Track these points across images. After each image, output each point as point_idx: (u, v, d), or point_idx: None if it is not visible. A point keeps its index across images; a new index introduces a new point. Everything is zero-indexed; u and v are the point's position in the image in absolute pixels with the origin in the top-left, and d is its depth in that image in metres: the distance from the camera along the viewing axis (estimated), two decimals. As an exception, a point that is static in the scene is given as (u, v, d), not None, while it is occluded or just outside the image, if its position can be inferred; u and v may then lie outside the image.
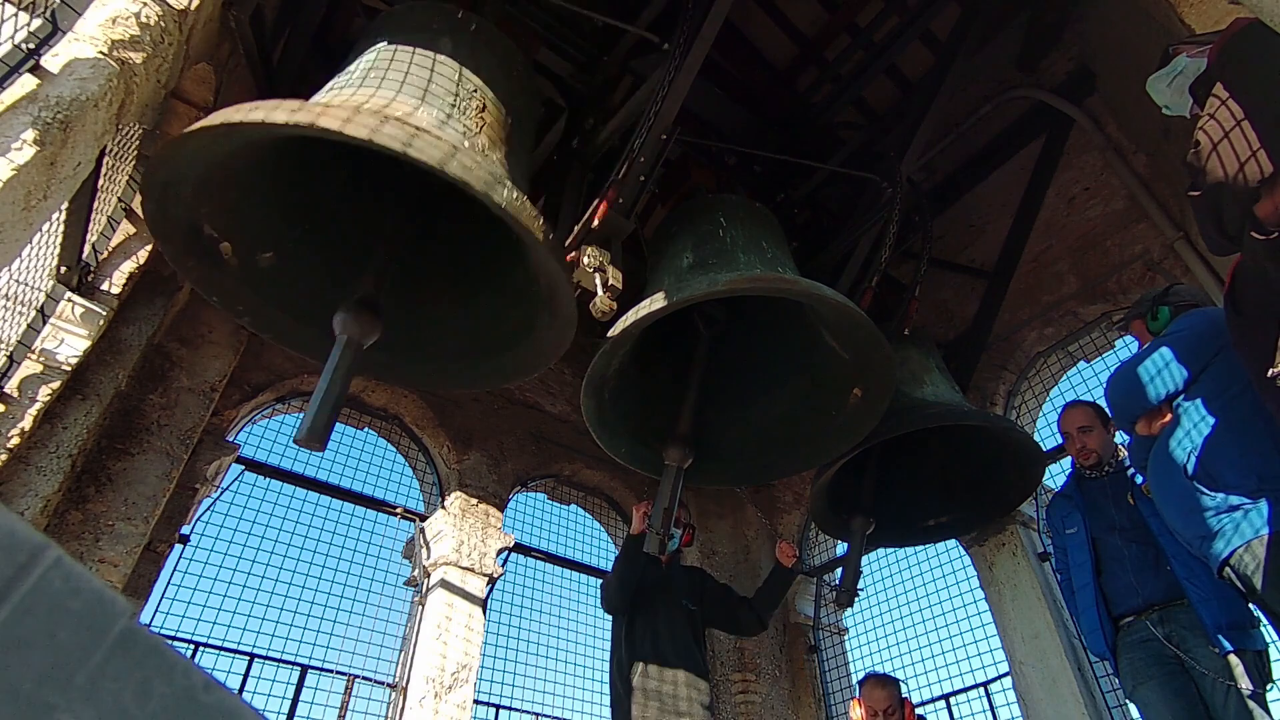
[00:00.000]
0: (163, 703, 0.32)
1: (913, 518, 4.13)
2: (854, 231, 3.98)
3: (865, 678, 3.78)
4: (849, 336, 3.01)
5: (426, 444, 4.94)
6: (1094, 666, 3.92)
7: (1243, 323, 2.01)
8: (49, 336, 2.87)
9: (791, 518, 5.96)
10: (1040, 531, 4.35)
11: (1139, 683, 2.85)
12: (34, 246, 2.61)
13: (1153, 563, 2.89)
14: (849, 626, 5.60)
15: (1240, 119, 1.71)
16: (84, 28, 2.01)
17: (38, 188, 1.78)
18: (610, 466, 5.28)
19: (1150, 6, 3.16)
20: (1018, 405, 4.91)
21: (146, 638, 0.33)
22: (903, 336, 3.95)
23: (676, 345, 3.47)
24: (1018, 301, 4.84)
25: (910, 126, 4.01)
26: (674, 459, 3.05)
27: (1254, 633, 2.59)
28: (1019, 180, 4.84)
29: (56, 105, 1.83)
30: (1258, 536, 2.14)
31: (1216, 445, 2.27)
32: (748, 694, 5.06)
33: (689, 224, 3.40)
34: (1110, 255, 4.53)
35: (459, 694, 4.04)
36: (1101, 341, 4.66)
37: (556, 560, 5.30)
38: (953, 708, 4.64)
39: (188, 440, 3.60)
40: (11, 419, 2.71)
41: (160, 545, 3.52)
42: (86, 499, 3.21)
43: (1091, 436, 3.19)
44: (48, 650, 0.30)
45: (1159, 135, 3.89)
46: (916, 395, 3.73)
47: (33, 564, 0.31)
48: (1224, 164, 1.73)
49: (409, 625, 4.32)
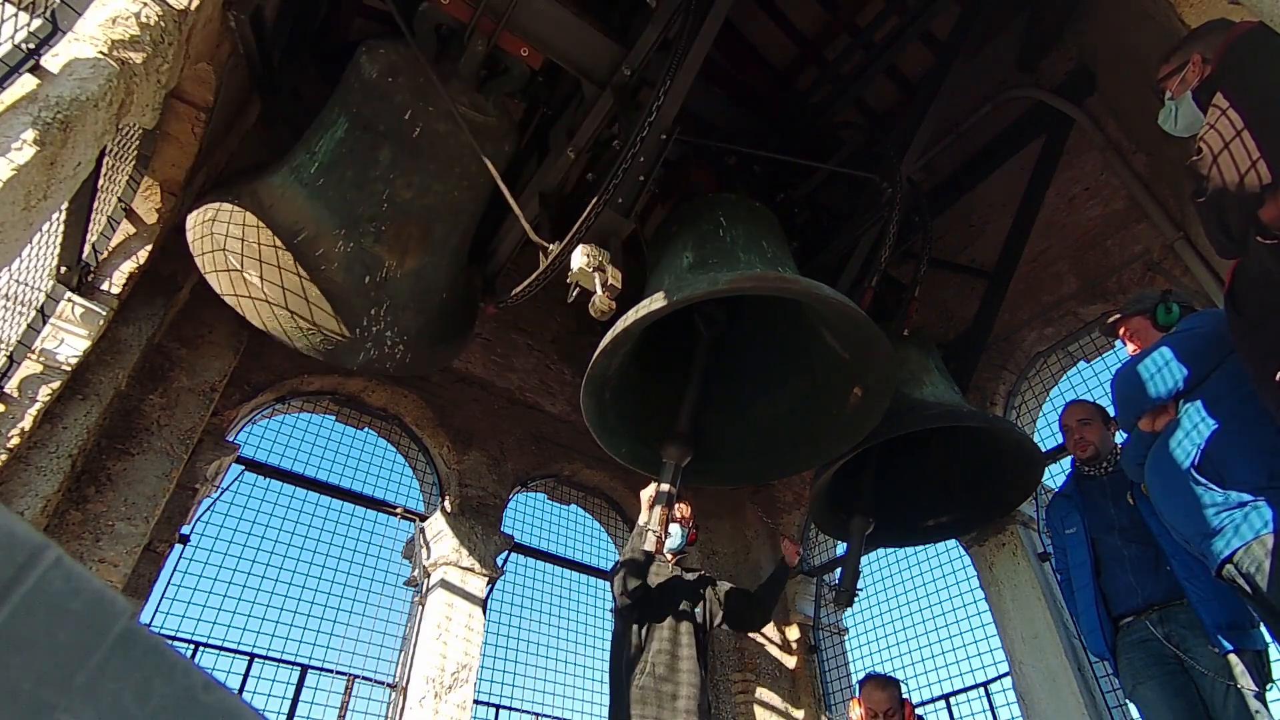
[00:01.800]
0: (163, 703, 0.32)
1: (913, 518, 4.13)
2: (854, 231, 3.98)
3: (865, 678, 3.77)
4: (849, 336, 3.01)
5: (426, 444, 4.94)
6: (1094, 666, 3.92)
7: (1243, 323, 2.00)
8: (49, 336, 2.87)
9: (791, 518, 5.96)
10: (1040, 531, 4.35)
11: (1139, 682, 2.85)
12: (34, 246, 2.62)
13: (1152, 563, 2.89)
14: (849, 626, 5.60)
15: (1240, 128, 1.72)
16: (84, 28, 2.01)
17: (38, 188, 1.78)
18: (610, 466, 5.28)
19: (1150, 6, 3.16)
20: (1018, 405, 4.91)
21: (146, 638, 0.33)
22: (903, 336, 3.96)
23: (677, 345, 3.47)
24: (1018, 301, 4.84)
25: (910, 126, 4.01)
26: (672, 456, 3.06)
27: (1253, 632, 2.59)
28: (1019, 180, 4.83)
29: (56, 105, 1.83)
30: (1258, 536, 2.14)
31: (1226, 442, 2.26)
32: (748, 694, 5.06)
33: (689, 224, 3.40)
34: (1110, 255, 4.53)
35: (459, 694, 4.04)
36: (1101, 341, 4.65)
37: (556, 560, 5.30)
38: (953, 708, 4.64)
39: (188, 440, 3.60)
40: (11, 419, 2.71)
41: (160, 545, 3.52)
42: (86, 499, 3.21)
43: (1090, 429, 3.20)
44: (48, 650, 0.30)
45: (1159, 135, 3.88)
46: (916, 395, 3.73)
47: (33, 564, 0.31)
48: (1227, 170, 1.74)
49: (409, 625, 4.32)
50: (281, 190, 3.25)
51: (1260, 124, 1.70)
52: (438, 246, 3.46)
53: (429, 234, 3.40)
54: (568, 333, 5.81)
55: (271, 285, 3.12)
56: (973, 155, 5.10)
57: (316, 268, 3.21)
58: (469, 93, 3.23)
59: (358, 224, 3.25)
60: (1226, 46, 1.93)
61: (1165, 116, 2.18)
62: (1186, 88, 2.07)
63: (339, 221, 3.23)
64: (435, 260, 3.48)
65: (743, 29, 4.70)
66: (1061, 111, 4.56)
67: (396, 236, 3.32)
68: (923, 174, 5.11)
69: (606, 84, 3.10)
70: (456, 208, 3.45)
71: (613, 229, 2.87)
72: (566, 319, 5.77)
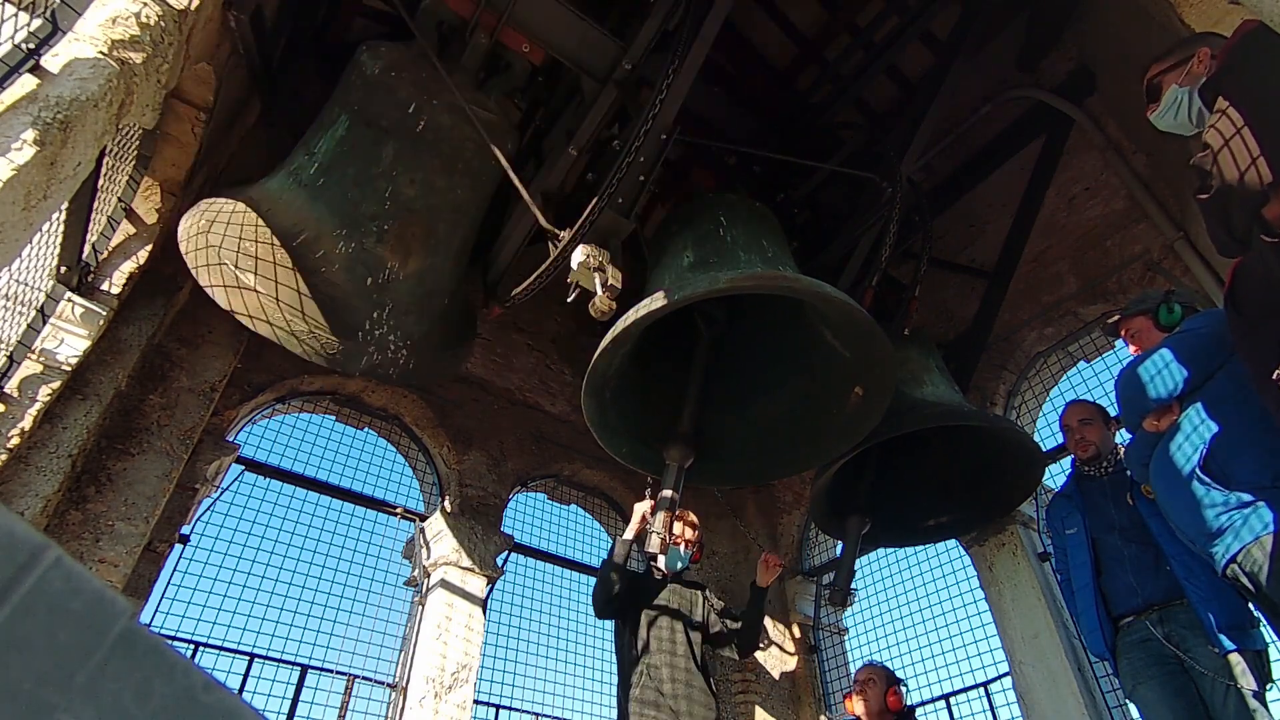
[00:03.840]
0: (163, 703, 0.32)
1: (913, 518, 4.13)
2: (854, 231, 3.98)
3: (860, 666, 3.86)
4: (850, 335, 3.01)
5: (426, 444, 4.94)
6: (1094, 666, 3.92)
7: (1243, 323, 2.00)
8: (49, 336, 2.87)
9: (791, 518, 5.96)
10: (1040, 531, 4.35)
11: (1138, 682, 2.85)
12: (34, 246, 2.61)
13: (1152, 563, 2.89)
14: (849, 626, 5.60)
15: (1244, 127, 1.72)
16: (84, 28, 2.01)
17: (38, 188, 1.78)
18: (610, 466, 5.28)
19: (1150, 6, 3.16)
20: (1018, 405, 4.91)
21: (146, 638, 0.33)
22: (903, 336, 3.96)
23: (677, 345, 3.47)
24: (1018, 301, 4.84)
25: (910, 126, 4.01)
26: (675, 457, 3.05)
27: (1254, 633, 2.59)
28: (1019, 180, 4.83)
29: (56, 105, 1.83)
30: (1259, 537, 2.14)
31: (1230, 442, 2.26)
32: (748, 694, 5.06)
33: (689, 223, 3.40)
34: (1110, 255, 4.53)
35: (459, 694, 4.04)
36: (1101, 341, 4.65)
37: (556, 560, 5.30)
38: (953, 708, 4.64)
39: (188, 440, 3.60)
40: (11, 419, 2.71)
41: (160, 545, 3.52)
42: (86, 499, 3.21)
43: (1091, 429, 3.21)
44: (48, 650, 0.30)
45: (1159, 135, 3.88)
46: (916, 395, 3.73)
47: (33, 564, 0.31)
48: (1230, 169, 1.74)
49: (409, 625, 4.32)
50: (280, 192, 3.24)
51: (1264, 123, 1.70)
52: (441, 247, 3.45)
53: (432, 234, 3.39)
54: (568, 333, 5.81)
55: (271, 289, 3.10)
56: (973, 155, 5.10)
57: (317, 270, 3.20)
58: (471, 90, 3.23)
59: (360, 223, 3.24)
60: (1231, 45, 1.93)
61: (1171, 103, 2.13)
62: (1195, 79, 2.05)
63: (340, 221, 3.22)
64: (438, 262, 3.47)
65: (743, 29, 4.70)
66: (1061, 111, 4.56)
67: (399, 236, 3.31)
68: (923, 174, 5.11)
69: (607, 80, 3.11)
70: (459, 207, 3.44)
71: (613, 229, 2.87)
72: (566, 319, 5.77)
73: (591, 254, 2.74)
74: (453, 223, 3.46)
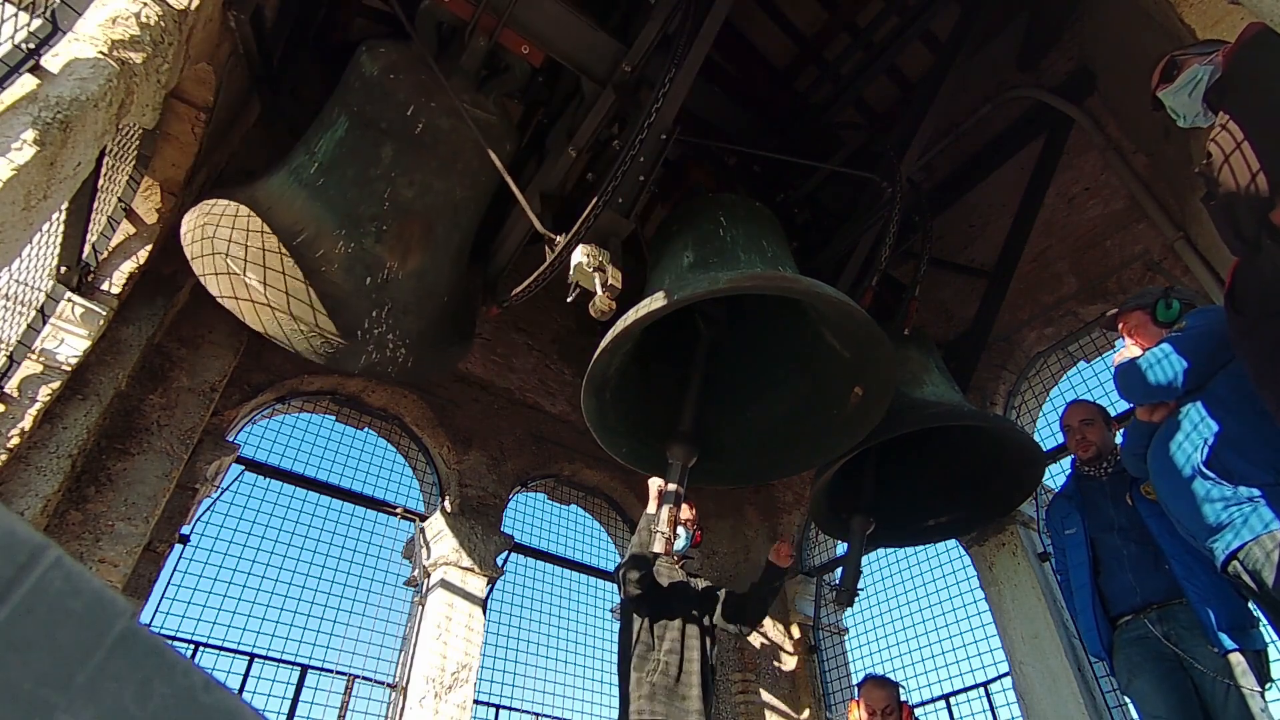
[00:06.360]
0: (163, 703, 0.32)
1: (913, 518, 4.13)
2: (854, 231, 3.98)
3: (865, 679, 3.80)
4: (850, 335, 3.01)
5: (426, 444, 4.94)
6: (1094, 666, 3.92)
7: (1243, 323, 2.01)
8: (49, 336, 2.87)
9: (791, 518, 5.96)
10: (1040, 531, 4.35)
11: (1134, 675, 2.85)
12: (34, 246, 2.62)
13: (1151, 562, 2.89)
14: (849, 626, 5.60)
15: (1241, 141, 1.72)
16: (84, 28, 2.01)
17: (38, 188, 1.78)
18: (610, 466, 5.28)
19: (1150, 6, 3.16)
20: (1018, 405, 4.91)
21: (146, 638, 0.33)
22: (903, 336, 3.95)
23: (677, 345, 3.47)
24: (1018, 301, 4.84)
25: (910, 126, 4.01)
26: (678, 456, 3.05)
27: (1253, 632, 2.59)
28: (1019, 180, 4.83)
29: (56, 105, 1.83)
30: (1259, 536, 2.14)
31: (1234, 438, 2.26)
32: (748, 694, 5.06)
33: (689, 223, 3.39)
34: (1110, 255, 4.53)
35: (459, 694, 4.04)
36: (1102, 341, 4.66)
37: (556, 560, 5.30)
38: (953, 708, 4.64)
39: (188, 440, 3.60)
40: (11, 419, 2.71)
41: (160, 545, 3.52)
42: (86, 499, 3.21)
43: (1092, 429, 3.21)
44: (48, 650, 0.30)
45: (1159, 135, 3.89)
46: (916, 395, 3.73)
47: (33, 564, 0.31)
48: (1236, 174, 1.74)
49: (409, 625, 4.32)
50: (280, 192, 3.24)
51: (1263, 135, 1.70)
52: (439, 247, 3.46)
53: (431, 233, 3.39)
54: (568, 333, 5.81)
55: (271, 288, 3.11)
56: (973, 155, 5.10)
57: (317, 269, 3.20)
58: (470, 91, 3.24)
59: (359, 223, 3.24)
60: (1236, 48, 1.92)
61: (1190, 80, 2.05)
62: (1214, 64, 2.01)
63: (340, 221, 3.22)
64: (437, 261, 3.48)
65: (743, 29, 4.70)
66: (1061, 111, 4.56)
67: (398, 236, 3.32)
68: (923, 174, 5.11)
69: (607, 81, 3.10)
70: (458, 207, 3.44)
71: (613, 229, 2.88)
72: (566, 319, 5.77)
73: (591, 254, 2.74)
74: (451, 223, 3.46)
